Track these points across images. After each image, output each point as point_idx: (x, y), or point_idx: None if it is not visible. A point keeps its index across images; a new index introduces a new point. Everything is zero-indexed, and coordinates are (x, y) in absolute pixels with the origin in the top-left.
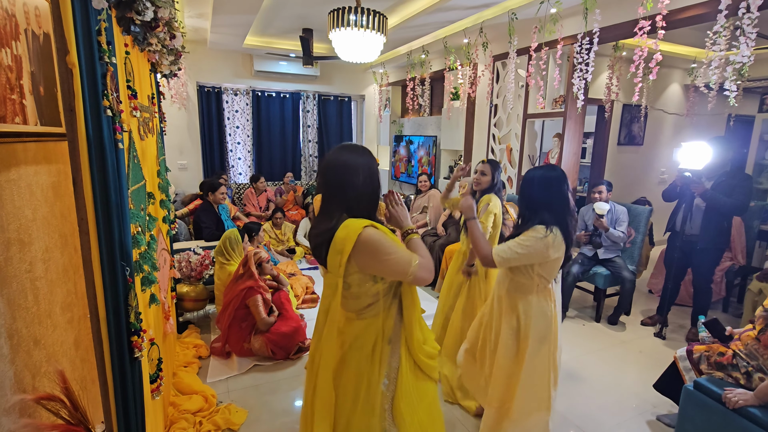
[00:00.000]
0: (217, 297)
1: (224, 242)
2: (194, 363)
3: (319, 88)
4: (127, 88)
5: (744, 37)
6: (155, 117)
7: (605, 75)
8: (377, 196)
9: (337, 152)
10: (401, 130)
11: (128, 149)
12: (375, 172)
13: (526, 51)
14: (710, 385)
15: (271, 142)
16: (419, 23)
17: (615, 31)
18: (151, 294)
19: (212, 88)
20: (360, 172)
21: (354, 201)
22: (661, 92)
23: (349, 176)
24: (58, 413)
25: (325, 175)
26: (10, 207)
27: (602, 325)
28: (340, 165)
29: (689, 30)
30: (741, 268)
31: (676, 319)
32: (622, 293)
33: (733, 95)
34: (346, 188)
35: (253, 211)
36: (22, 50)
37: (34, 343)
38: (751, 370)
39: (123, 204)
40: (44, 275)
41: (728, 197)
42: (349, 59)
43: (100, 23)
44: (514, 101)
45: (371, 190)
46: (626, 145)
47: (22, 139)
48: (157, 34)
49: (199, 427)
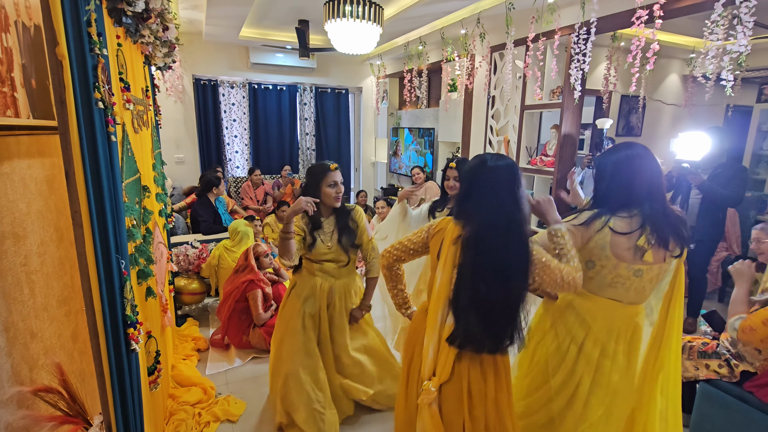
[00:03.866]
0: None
1: (233, 232)
2: (193, 355)
3: (316, 81)
4: (120, 81)
5: (741, 26)
6: (150, 110)
7: (603, 65)
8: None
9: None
10: (399, 123)
11: (122, 142)
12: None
13: (523, 42)
14: (729, 383)
15: (268, 135)
16: (416, 14)
17: (612, 21)
18: (148, 287)
19: (208, 80)
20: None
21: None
22: (660, 83)
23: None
24: (56, 405)
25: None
26: (3, 200)
27: None
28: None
29: (687, 19)
30: (737, 258)
31: None
32: None
33: (730, 85)
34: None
35: (251, 204)
36: (12, 42)
37: (30, 336)
38: (729, 358)
39: (117, 197)
40: (40, 269)
41: (724, 189)
42: (345, 50)
43: (90, 14)
44: (512, 92)
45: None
46: (624, 136)
47: (14, 133)
48: (150, 25)
49: (198, 419)
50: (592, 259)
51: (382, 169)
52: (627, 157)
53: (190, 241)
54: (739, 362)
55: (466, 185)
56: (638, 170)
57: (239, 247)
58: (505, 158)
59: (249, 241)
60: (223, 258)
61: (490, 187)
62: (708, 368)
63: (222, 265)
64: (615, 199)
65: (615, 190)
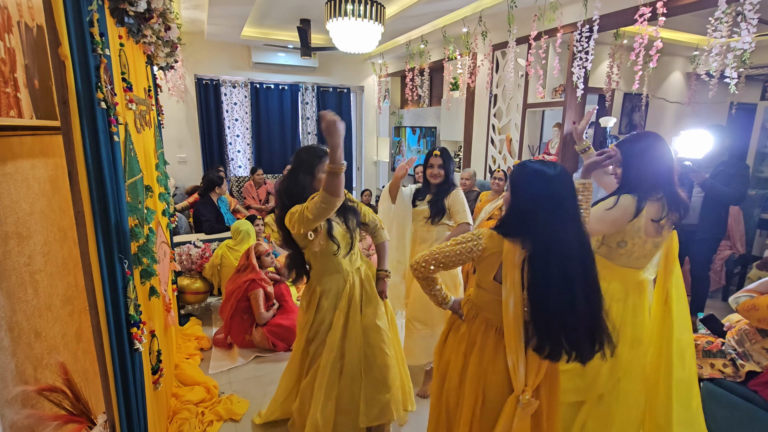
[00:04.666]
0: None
1: (235, 231)
2: (196, 354)
3: (318, 80)
4: (122, 81)
5: (745, 23)
6: (152, 110)
7: (606, 63)
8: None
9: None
10: (401, 122)
11: (124, 142)
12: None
13: (525, 40)
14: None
15: (270, 135)
16: (418, 12)
17: (615, 19)
18: (151, 286)
19: (210, 80)
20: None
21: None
22: (663, 81)
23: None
24: (61, 404)
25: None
26: (7, 201)
27: None
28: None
29: (690, 17)
30: (741, 257)
31: None
32: None
33: (734, 83)
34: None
35: (253, 203)
36: (15, 43)
37: (35, 336)
38: (735, 357)
39: (120, 197)
40: (44, 268)
41: (726, 186)
42: (347, 49)
43: (92, 14)
44: (514, 91)
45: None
46: (627, 134)
47: (17, 133)
48: (152, 25)
49: (202, 418)
50: (624, 239)
51: (384, 168)
52: (651, 146)
53: (193, 241)
54: (745, 362)
55: (525, 200)
56: (661, 156)
57: (241, 246)
58: (552, 164)
59: (251, 240)
60: (226, 257)
61: (557, 201)
62: (713, 367)
63: (225, 265)
64: (645, 184)
65: (646, 176)
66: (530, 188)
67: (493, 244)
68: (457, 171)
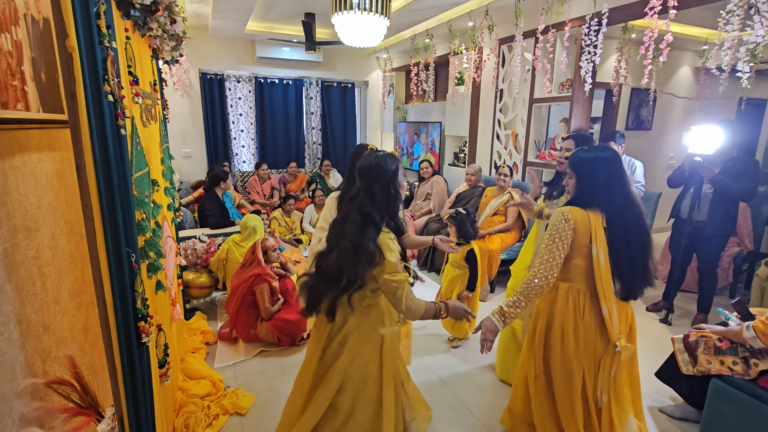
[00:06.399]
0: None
1: (243, 226)
2: (202, 348)
3: (323, 75)
4: (129, 74)
5: (759, 15)
6: (158, 104)
7: (614, 58)
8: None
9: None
10: (405, 117)
11: (131, 136)
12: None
13: (532, 34)
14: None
15: (274, 130)
16: (423, 6)
17: (624, 12)
18: (158, 280)
19: (215, 75)
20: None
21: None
22: (671, 75)
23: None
24: (69, 397)
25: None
26: (15, 194)
27: None
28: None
29: (701, 10)
30: (749, 254)
31: (682, 305)
32: None
33: (746, 77)
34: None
35: (258, 198)
36: (22, 35)
37: (43, 329)
38: (747, 355)
39: (127, 191)
40: (51, 262)
41: (737, 183)
42: (352, 44)
43: (99, 6)
44: (520, 86)
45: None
46: (634, 129)
47: (24, 126)
48: (158, 18)
49: (207, 411)
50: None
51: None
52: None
53: (198, 235)
54: (760, 360)
55: (597, 179)
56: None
57: (248, 241)
58: (603, 147)
59: (258, 235)
60: (232, 252)
61: (616, 174)
62: (722, 364)
63: (230, 259)
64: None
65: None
66: (598, 169)
67: (579, 215)
68: (462, 166)
